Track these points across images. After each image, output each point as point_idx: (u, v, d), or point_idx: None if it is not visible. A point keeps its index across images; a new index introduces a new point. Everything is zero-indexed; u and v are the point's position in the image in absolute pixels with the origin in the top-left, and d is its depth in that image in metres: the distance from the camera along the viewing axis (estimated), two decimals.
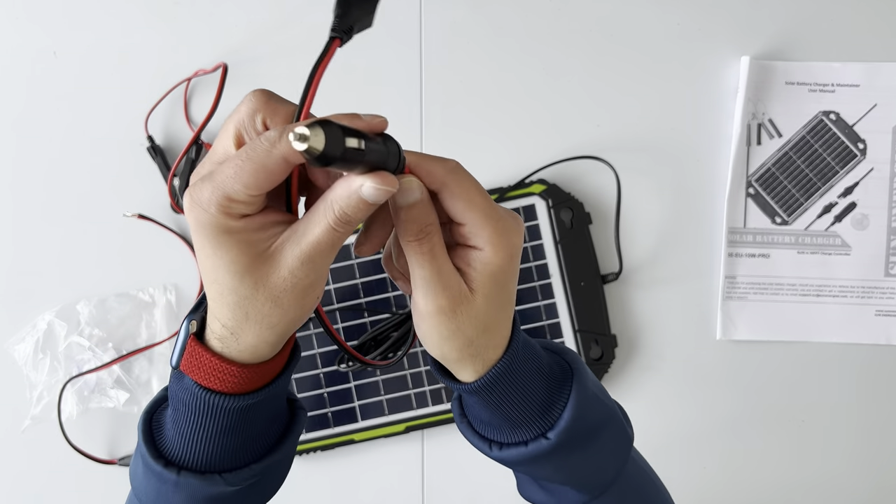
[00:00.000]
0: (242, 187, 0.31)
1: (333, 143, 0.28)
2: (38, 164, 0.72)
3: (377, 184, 0.31)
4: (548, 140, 0.72)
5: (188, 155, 0.69)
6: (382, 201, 0.32)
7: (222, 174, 0.31)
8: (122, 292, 0.71)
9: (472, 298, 0.35)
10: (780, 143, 0.71)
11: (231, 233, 0.32)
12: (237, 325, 0.34)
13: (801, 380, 0.72)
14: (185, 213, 0.32)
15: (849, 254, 0.71)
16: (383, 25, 0.72)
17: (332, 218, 0.32)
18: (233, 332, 0.34)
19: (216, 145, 0.34)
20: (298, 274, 0.33)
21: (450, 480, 0.72)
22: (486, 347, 0.36)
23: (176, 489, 0.37)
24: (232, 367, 0.35)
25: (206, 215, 0.31)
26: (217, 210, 0.31)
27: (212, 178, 0.31)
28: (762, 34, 0.71)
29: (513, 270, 0.36)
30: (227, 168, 0.31)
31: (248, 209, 0.32)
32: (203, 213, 0.31)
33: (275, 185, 0.32)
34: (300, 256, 0.32)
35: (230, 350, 0.35)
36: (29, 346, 0.70)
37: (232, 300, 0.33)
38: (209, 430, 0.36)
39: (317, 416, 0.70)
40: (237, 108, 0.34)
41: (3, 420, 0.71)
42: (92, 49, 0.72)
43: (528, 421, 0.38)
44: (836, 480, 0.72)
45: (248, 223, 0.32)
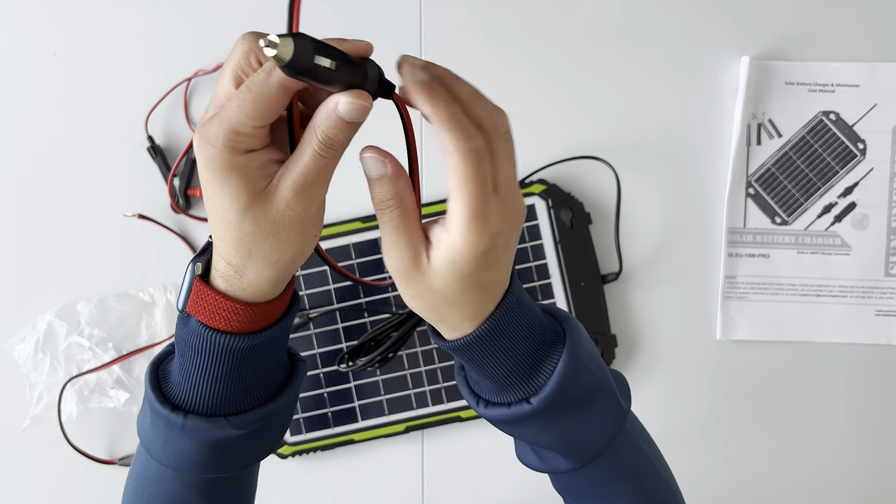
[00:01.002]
0: (247, 119, 0.32)
1: (302, 53, 0.30)
2: (38, 165, 0.72)
3: (351, 98, 0.33)
4: (548, 140, 0.72)
5: (188, 155, 0.69)
6: (360, 119, 0.34)
7: (227, 110, 0.33)
8: (122, 292, 0.71)
9: (427, 272, 0.36)
10: (780, 143, 0.71)
11: (236, 167, 0.33)
12: (241, 262, 0.36)
13: (801, 380, 0.72)
14: (196, 151, 0.34)
15: (849, 254, 0.71)
16: (383, 25, 0.72)
17: (316, 143, 0.34)
18: (237, 270, 0.36)
19: (217, 89, 0.35)
20: (294, 206, 0.35)
21: (450, 480, 0.72)
22: (452, 317, 0.37)
23: (183, 432, 0.39)
24: (237, 305, 0.36)
25: (213, 151, 0.33)
26: (224, 145, 0.33)
27: (217, 115, 0.33)
28: (762, 34, 0.71)
29: (481, 264, 0.35)
30: (231, 104, 0.33)
31: (253, 142, 0.34)
32: (211, 148, 0.33)
33: (277, 113, 0.33)
34: (292, 187, 0.34)
35: (234, 289, 0.36)
36: (29, 346, 0.70)
37: (236, 237, 0.35)
38: (215, 370, 0.37)
39: (317, 415, 0.70)
40: (231, 52, 0.35)
41: (4, 420, 0.71)
42: (91, 49, 0.72)
43: (513, 384, 0.39)
44: (836, 480, 0.73)
45: (251, 159, 0.34)
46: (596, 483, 0.43)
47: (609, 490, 0.43)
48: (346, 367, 0.68)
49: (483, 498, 0.72)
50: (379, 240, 0.40)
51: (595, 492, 0.43)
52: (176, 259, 0.71)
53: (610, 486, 0.43)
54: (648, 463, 0.44)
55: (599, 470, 0.42)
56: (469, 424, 0.72)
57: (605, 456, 0.41)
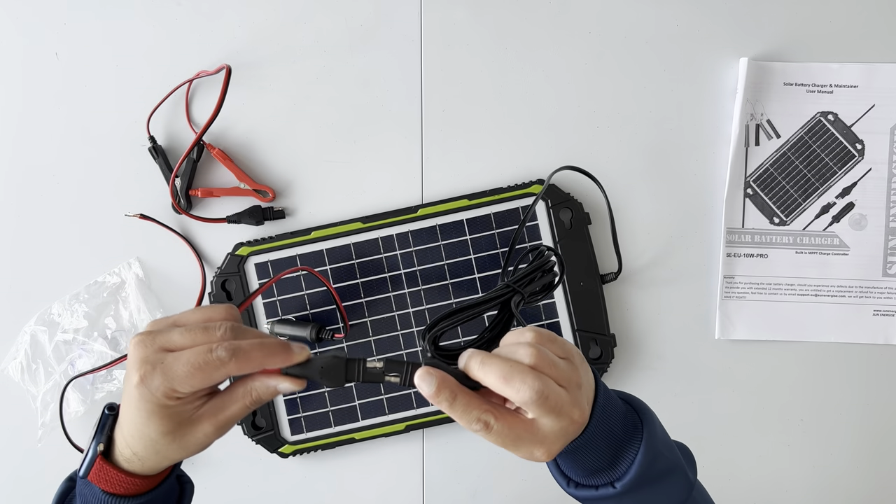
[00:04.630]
0: (190, 387, 0.41)
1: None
2: (38, 165, 0.73)
3: (291, 386, 0.44)
4: (547, 140, 0.72)
5: (190, 156, 0.70)
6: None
7: (174, 371, 0.41)
8: (90, 282, 0.71)
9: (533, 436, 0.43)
10: (779, 144, 0.72)
11: (167, 409, 0.42)
12: (147, 456, 0.44)
13: (800, 379, 0.72)
14: (132, 385, 0.42)
15: (847, 254, 0.72)
16: (383, 25, 0.72)
17: (249, 400, 0.44)
18: (141, 459, 0.44)
19: (186, 316, 0.45)
20: (211, 437, 0.44)
21: (450, 479, 0.73)
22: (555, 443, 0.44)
23: None
24: (135, 480, 0.45)
25: (151, 397, 0.41)
26: (162, 395, 0.41)
27: (164, 370, 0.41)
28: (761, 35, 0.72)
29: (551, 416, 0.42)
30: (180, 366, 0.41)
31: (188, 396, 0.43)
32: (150, 395, 0.41)
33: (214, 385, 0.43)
34: (217, 426, 0.44)
35: (134, 467, 0.44)
36: (21, 361, 0.71)
37: (149, 444, 0.43)
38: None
39: (317, 415, 0.70)
40: (215, 307, 0.45)
41: (24, 438, 0.72)
42: (93, 50, 0.72)
43: (600, 471, 0.46)
44: (835, 479, 0.73)
45: (182, 402, 0.43)
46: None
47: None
48: (435, 355, 0.52)
49: (483, 498, 0.73)
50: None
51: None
52: (176, 259, 0.72)
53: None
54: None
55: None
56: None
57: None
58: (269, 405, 0.70)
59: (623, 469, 0.45)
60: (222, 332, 0.43)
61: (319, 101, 0.72)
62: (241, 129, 0.72)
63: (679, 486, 0.48)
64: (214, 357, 0.41)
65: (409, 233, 0.70)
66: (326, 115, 0.72)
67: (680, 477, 0.48)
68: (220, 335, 0.43)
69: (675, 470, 0.47)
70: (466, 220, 0.70)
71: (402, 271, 0.70)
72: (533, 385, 0.41)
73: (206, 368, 0.41)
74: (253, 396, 0.44)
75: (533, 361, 0.42)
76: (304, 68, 0.72)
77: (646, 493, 0.46)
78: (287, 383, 0.44)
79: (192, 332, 0.43)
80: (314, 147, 0.72)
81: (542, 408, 0.41)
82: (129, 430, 0.43)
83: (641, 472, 0.45)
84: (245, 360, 0.42)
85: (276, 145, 0.72)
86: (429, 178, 0.73)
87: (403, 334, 0.70)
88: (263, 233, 0.72)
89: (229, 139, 0.72)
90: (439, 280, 0.70)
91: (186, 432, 0.43)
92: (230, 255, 0.70)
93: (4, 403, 0.72)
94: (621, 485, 0.45)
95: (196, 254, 0.71)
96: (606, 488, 0.45)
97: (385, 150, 0.72)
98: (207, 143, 0.71)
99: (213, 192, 0.71)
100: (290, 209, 0.72)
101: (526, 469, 0.72)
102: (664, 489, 0.47)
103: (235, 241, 0.71)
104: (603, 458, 0.45)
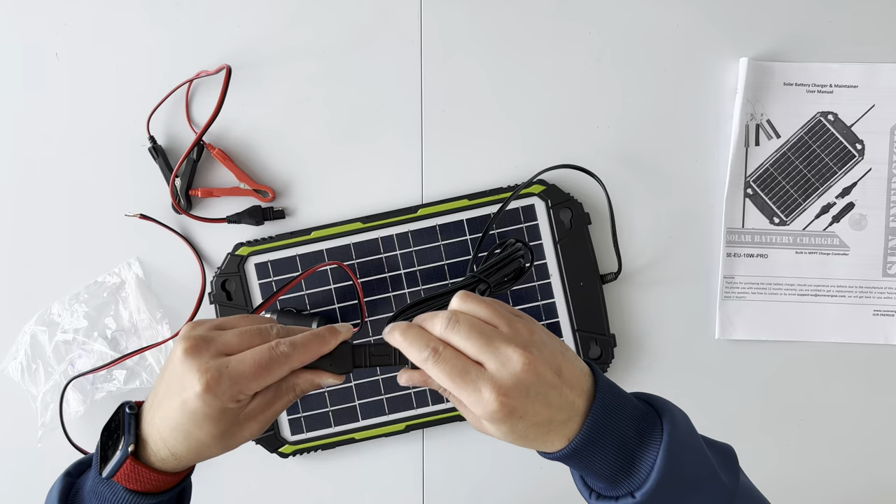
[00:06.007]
0: (257, 387, 0.43)
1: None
2: (39, 165, 0.73)
3: (333, 380, 0.47)
4: (547, 141, 0.72)
5: (190, 156, 0.70)
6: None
7: (241, 372, 0.42)
8: (90, 282, 0.71)
9: (487, 429, 0.44)
10: (779, 144, 0.72)
11: (226, 412, 0.43)
12: (187, 456, 0.44)
13: (800, 379, 0.72)
14: (195, 394, 0.42)
15: (847, 254, 0.72)
16: (383, 25, 0.72)
17: (293, 395, 0.46)
18: (178, 458, 0.44)
19: (230, 321, 0.46)
20: (256, 434, 0.46)
21: (450, 479, 0.73)
22: (538, 444, 0.43)
23: None
24: (166, 477, 0.45)
25: (216, 403, 0.42)
26: (229, 399, 0.42)
27: (230, 374, 0.42)
28: (760, 35, 0.72)
29: (509, 421, 0.42)
30: (247, 367, 0.42)
31: (249, 397, 0.44)
32: (215, 401, 0.42)
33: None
34: (262, 423, 0.46)
35: (167, 466, 0.45)
36: (20, 361, 0.71)
37: (195, 446, 0.44)
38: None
39: (317, 415, 0.70)
40: (252, 316, 0.48)
41: (23, 440, 0.72)
42: (93, 50, 0.72)
43: (618, 481, 0.43)
44: (835, 480, 0.73)
45: (241, 405, 0.44)
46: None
47: None
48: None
49: (483, 498, 0.73)
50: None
51: None
52: (176, 259, 0.72)
53: None
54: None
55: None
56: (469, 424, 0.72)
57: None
58: None
59: (642, 477, 0.42)
60: (276, 331, 0.45)
61: (319, 101, 0.72)
62: (241, 129, 0.72)
63: (713, 497, 0.44)
64: (279, 353, 0.43)
65: (409, 233, 0.70)
66: (326, 115, 0.72)
67: (713, 487, 0.44)
68: (275, 333, 0.45)
69: (707, 478, 0.44)
70: (466, 220, 0.70)
71: (402, 271, 0.70)
72: (428, 344, 0.43)
73: (272, 366, 0.43)
74: (296, 391, 0.47)
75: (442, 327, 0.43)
76: (304, 68, 0.72)
77: (680, 498, 0.42)
78: (330, 378, 0.47)
79: (247, 335, 0.44)
80: (314, 147, 0.72)
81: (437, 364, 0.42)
82: (173, 433, 0.44)
83: (663, 480, 0.41)
84: (305, 351, 0.44)
85: (276, 145, 0.72)
86: (429, 178, 0.73)
87: None
88: (263, 233, 0.72)
89: (229, 139, 0.72)
90: (439, 280, 0.70)
91: (235, 432, 0.45)
92: (230, 255, 0.70)
93: (4, 403, 0.72)
94: (641, 494, 0.41)
95: (196, 254, 0.72)
96: (626, 499, 0.42)
97: (385, 150, 0.72)
98: (207, 143, 0.71)
99: (213, 192, 0.71)
100: (290, 209, 0.72)
101: (526, 469, 0.72)
102: (695, 501, 0.43)
103: (235, 241, 0.71)
104: (614, 462, 0.42)
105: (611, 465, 0.42)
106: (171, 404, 0.43)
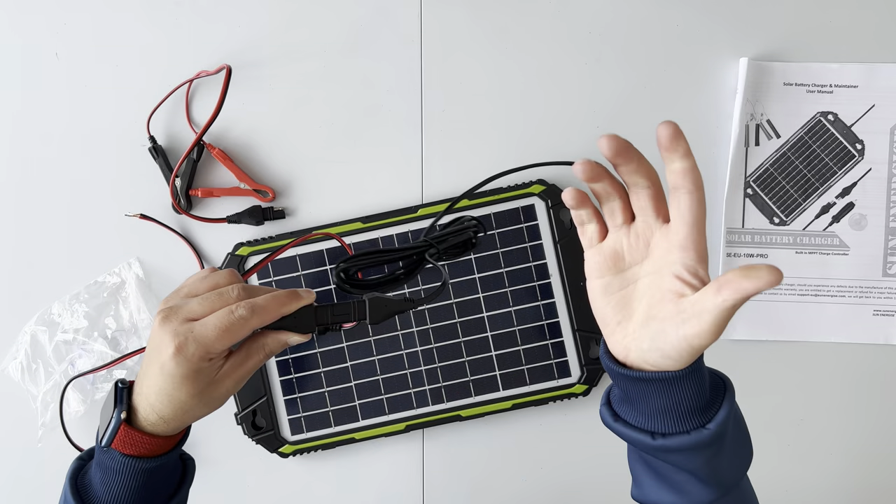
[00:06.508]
0: (221, 347, 0.47)
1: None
2: (38, 165, 0.73)
3: (300, 338, 0.51)
4: (547, 141, 0.72)
5: (190, 156, 0.70)
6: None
7: (205, 335, 0.47)
8: (90, 282, 0.71)
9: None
10: (779, 144, 0.72)
11: (201, 371, 0.48)
12: (174, 417, 0.48)
13: (799, 379, 0.72)
14: (168, 356, 0.46)
15: (847, 254, 0.72)
16: (383, 25, 0.72)
17: (263, 355, 0.51)
18: (166, 421, 0.48)
19: (194, 286, 0.50)
20: (231, 392, 0.50)
21: (450, 479, 0.73)
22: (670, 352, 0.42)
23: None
24: (158, 440, 0.49)
25: (187, 363, 0.47)
26: (199, 360, 0.47)
27: (195, 337, 0.47)
28: (760, 35, 0.72)
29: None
30: (209, 331, 0.47)
31: (219, 355, 0.49)
32: (186, 361, 0.47)
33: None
34: (236, 381, 0.50)
35: (158, 429, 0.49)
36: (21, 361, 0.71)
37: (178, 406, 0.48)
38: (133, 485, 0.49)
39: (317, 415, 0.70)
40: (217, 273, 0.51)
41: (24, 439, 0.72)
42: (93, 50, 0.72)
43: (693, 414, 0.43)
44: (835, 480, 0.73)
45: (212, 363, 0.48)
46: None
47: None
48: (340, 282, 0.60)
49: (483, 498, 0.73)
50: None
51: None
52: (176, 259, 0.72)
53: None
54: (756, 498, 0.50)
55: (731, 500, 0.47)
56: (469, 424, 0.72)
57: (739, 488, 0.47)
58: (270, 405, 0.70)
59: (714, 412, 0.43)
60: (237, 294, 0.49)
61: (319, 101, 0.72)
62: (241, 129, 0.72)
63: (748, 447, 0.48)
64: (237, 317, 0.47)
65: (409, 233, 0.70)
66: (326, 115, 0.72)
67: (748, 437, 0.48)
68: (236, 296, 0.49)
69: (745, 430, 0.48)
70: None
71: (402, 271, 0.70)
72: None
73: (233, 328, 0.47)
74: (266, 351, 0.51)
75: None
76: (304, 68, 0.72)
77: (731, 446, 0.44)
78: (296, 337, 0.51)
79: (208, 300, 0.48)
80: (314, 147, 0.72)
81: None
82: (158, 397, 0.48)
83: (728, 416, 0.43)
84: (264, 313, 0.48)
85: (276, 145, 0.72)
86: (429, 178, 0.73)
87: (403, 334, 0.70)
88: (263, 233, 0.72)
89: (229, 139, 0.72)
90: (438, 280, 0.70)
91: (212, 391, 0.49)
92: (230, 255, 0.71)
93: (4, 403, 0.72)
94: (714, 424, 0.42)
95: (196, 254, 0.72)
96: (699, 431, 0.42)
97: (385, 150, 0.72)
98: (207, 143, 0.71)
99: (213, 192, 0.71)
100: (290, 209, 0.72)
101: (526, 469, 0.72)
102: (741, 446, 0.47)
103: (235, 241, 0.71)
104: (699, 396, 0.42)
105: (698, 396, 0.42)
106: (152, 370, 0.48)
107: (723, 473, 0.45)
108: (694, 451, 0.43)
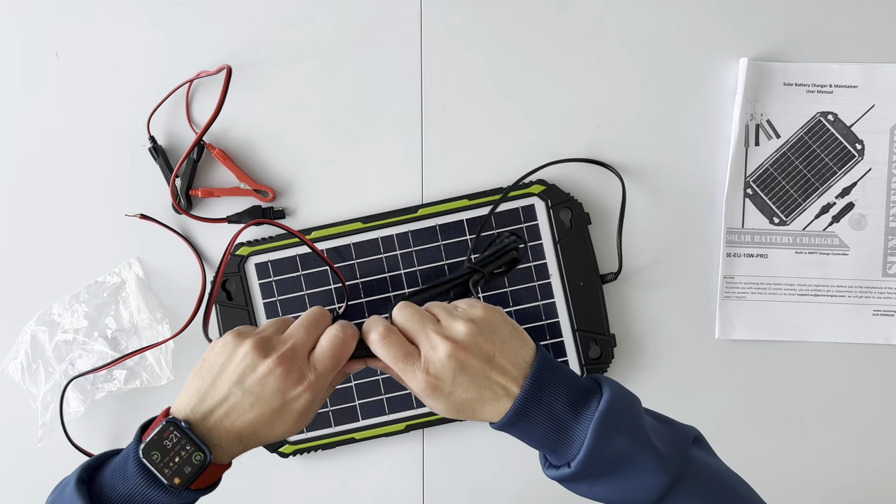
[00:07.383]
0: (335, 368, 0.50)
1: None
2: (38, 165, 0.73)
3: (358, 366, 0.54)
4: (548, 141, 0.72)
5: (190, 156, 0.70)
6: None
7: (325, 364, 0.50)
8: (90, 282, 0.71)
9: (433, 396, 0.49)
10: (779, 144, 0.72)
11: (317, 399, 0.50)
12: (256, 445, 0.49)
13: (799, 379, 0.72)
14: (298, 393, 0.49)
15: (847, 254, 0.72)
16: (383, 25, 0.72)
17: (342, 376, 0.54)
18: (248, 449, 0.49)
19: (298, 335, 0.51)
20: (317, 411, 0.52)
21: (450, 479, 0.73)
22: (475, 416, 0.49)
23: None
24: (224, 468, 0.50)
25: (321, 396, 0.51)
26: (328, 389, 0.52)
27: (318, 373, 0.49)
28: (761, 35, 0.72)
29: (435, 395, 0.48)
30: (327, 358, 0.50)
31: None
32: (320, 395, 0.50)
33: None
34: (321, 401, 0.52)
35: (231, 458, 0.49)
36: (21, 361, 0.71)
37: (275, 436, 0.49)
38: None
39: (317, 415, 0.70)
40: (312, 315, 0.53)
41: (23, 440, 0.72)
42: (94, 50, 0.72)
43: (559, 452, 0.48)
44: (835, 480, 0.73)
45: (330, 388, 0.53)
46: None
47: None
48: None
49: (483, 498, 0.73)
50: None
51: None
52: (176, 259, 0.72)
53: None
54: (727, 472, 0.50)
55: (686, 487, 0.47)
56: (469, 424, 0.72)
57: (691, 464, 0.47)
58: None
59: (576, 447, 0.46)
60: (329, 319, 0.52)
61: (319, 101, 0.72)
62: (241, 129, 0.72)
63: (649, 475, 0.46)
64: (349, 335, 0.50)
65: (409, 233, 0.70)
66: (326, 115, 0.72)
67: (649, 465, 0.46)
68: (329, 322, 0.52)
69: (643, 456, 0.46)
70: (466, 220, 0.70)
71: (402, 271, 0.70)
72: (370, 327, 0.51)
73: (345, 351, 0.50)
74: (346, 373, 0.54)
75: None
76: (304, 68, 0.72)
77: (610, 478, 0.46)
78: (371, 361, 0.53)
79: (308, 330, 0.51)
80: (314, 147, 0.72)
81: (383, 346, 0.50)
82: (263, 430, 0.49)
83: (592, 452, 0.45)
84: (355, 334, 0.51)
85: (276, 145, 0.72)
86: (429, 178, 0.73)
87: None
88: (263, 233, 0.72)
89: (229, 139, 0.72)
90: None
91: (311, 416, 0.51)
92: (230, 255, 0.71)
93: (4, 403, 0.72)
94: (575, 464, 0.46)
95: (196, 254, 0.72)
96: (565, 468, 0.47)
97: (385, 150, 0.72)
98: (207, 143, 0.71)
99: (214, 192, 0.71)
100: (290, 209, 0.72)
101: (526, 469, 0.72)
102: (633, 475, 0.46)
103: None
104: (549, 434, 0.47)
105: (546, 436, 0.47)
106: (262, 410, 0.48)
107: (625, 496, 0.47)
108: (571, 482, 0.48)
